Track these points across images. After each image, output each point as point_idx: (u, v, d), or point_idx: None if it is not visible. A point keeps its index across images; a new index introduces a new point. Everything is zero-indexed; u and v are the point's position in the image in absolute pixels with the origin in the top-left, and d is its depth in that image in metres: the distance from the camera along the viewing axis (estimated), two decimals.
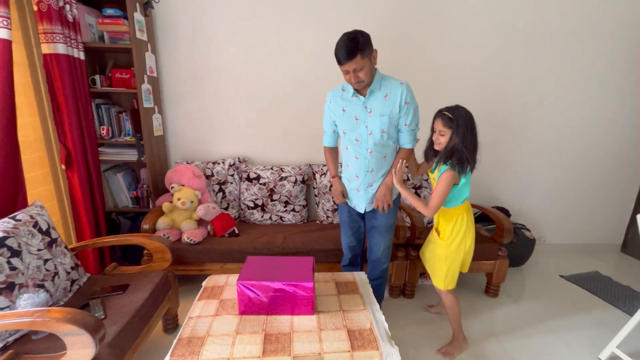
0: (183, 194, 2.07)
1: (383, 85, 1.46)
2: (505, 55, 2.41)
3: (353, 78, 1.37)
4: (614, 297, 2.19)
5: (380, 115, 1.46)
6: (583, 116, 2.58)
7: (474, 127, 1.40)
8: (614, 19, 2.38)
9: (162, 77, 2.35)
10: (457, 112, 1.39)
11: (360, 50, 1.30)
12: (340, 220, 1.80)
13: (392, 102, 1.44)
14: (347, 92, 1.51)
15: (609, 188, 2.77)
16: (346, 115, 1.51)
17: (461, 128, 1.37)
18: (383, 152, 1.55)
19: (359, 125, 1.50)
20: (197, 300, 1.43)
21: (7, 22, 1.51)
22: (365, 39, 1.34)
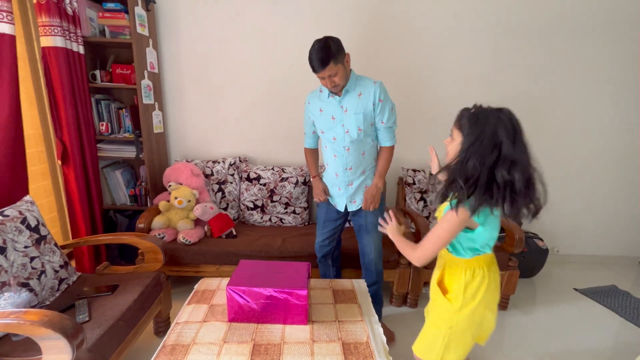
0: (180, 192, 2.02)
1: (357, 85, 1.50)
2: (517, 58, 2.30)
3: (329, 83, 1.42)
4: (633, 314, 2.05)
5: (355, 114, 1.49)
6: (602, 120, 2.44)
7: (503, 138, 0.86)
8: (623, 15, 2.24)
9: (164, 74, 2.31)
10: (482, 112, 0.91)
11: (333, 57, 1.36)
12: (317, 218, 1.80)
13: (366, 100, 1.48)
14: (323, 92, 1.56)
15: (628, 197, 2.61)
16: (323, 114, 1.56)
17: (475, 133, 0.88)
18: (361, 150, 1.57)
19: (336, 124, 1.53)
20: (186, 305, 1.37)
21: (10, 17, 1.49)
22: (337, 45, 1.39)
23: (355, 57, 1.78)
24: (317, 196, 1.70)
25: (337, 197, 1.68)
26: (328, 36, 1.40)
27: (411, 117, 2.38)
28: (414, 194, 2.34)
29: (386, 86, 1.52)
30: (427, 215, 2.31)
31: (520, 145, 0.88)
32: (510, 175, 0.86)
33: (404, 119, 2.41)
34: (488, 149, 0.86)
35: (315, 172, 1.75)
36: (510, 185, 0.87)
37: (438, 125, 2.39)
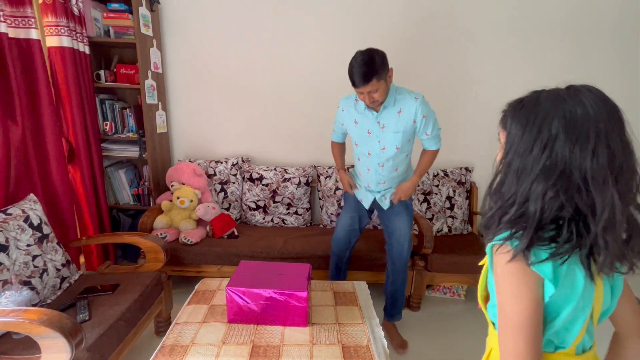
0: (182, 192, 2.02)
1: (397, 101, 1.42)
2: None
3: (367, 99, 1.35)
4: None
5: (395, 132, 1.44)
6: None
7: (560, 135, 0.52)
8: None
9: (167, 74, 2.32)
10: (536, 96, 0.57)
11: (376, 74, 1.28)
12: (345, 200, 1.76)
13: (407, 118, 1.42)
14: (359, 103, 1.48)
15: None
16: (358, 127, 1.50)
17: (519, 130, 0.56)
18: (395, 166, 1.55)
19: (372, 140, 1.49)
20: (186, 305, 1.36)
21: (34, 22, 1.54)
22: (381, 59, 1.31)
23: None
24: (345, 188, 1.69)
25: (363, 195, 1.66)
26: (373, 49, 1.32)
27: None
28: (417, 195, 2.32)
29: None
30: (431, 217, 2.28)
31: (605, 152, 0.50)
32: (575, 202, 0.52)
33: None
34: (536, 155, 0.53)
35: (341, 164, 1.73)
36: (580, 220, 0.53)
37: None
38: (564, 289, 0.54)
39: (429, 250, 1.91)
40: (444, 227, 2.29)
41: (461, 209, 2.32)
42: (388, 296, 1.75)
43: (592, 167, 0.50)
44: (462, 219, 2.32)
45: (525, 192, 0.54)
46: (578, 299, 0.54)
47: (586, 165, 0.51)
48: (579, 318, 0.56)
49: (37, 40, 1.56)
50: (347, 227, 1.70)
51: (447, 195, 2.31)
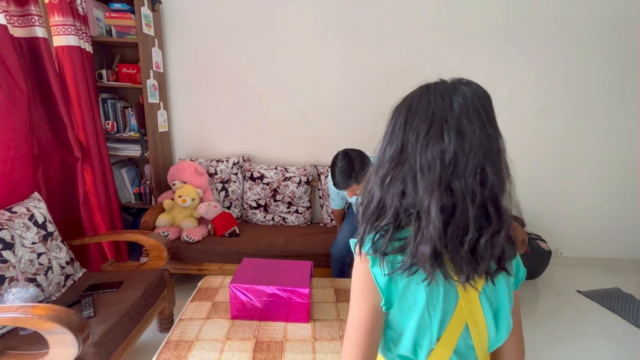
0: (184, 191, 2.04)
1: None
2: (521, 62, 2.30)
3: (350, 194, 1.45)
4: (636, 316, 2.03)
5: None
6: (607, 123, 2.43)
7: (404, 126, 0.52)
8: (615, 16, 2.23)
9: (169, 73, 2.34)
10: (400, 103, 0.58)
11: (356, 179, 1.34)
12: (347, 216, 1.90)
13: None
14: None
15: (632, 200, 2.59)
16: (352, 199, 1.64)
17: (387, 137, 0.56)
18: None
19: None
20: (189, 302, 1.38)
21: (42, 20, 1.55)
22: (360, 163, 1.33)
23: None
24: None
25: None
26: (350, 153, 1.35)
27: None
28: None
29: (376, 87, 1.50)
30: None
31: (435, 142, 0.48)
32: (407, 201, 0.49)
33: None
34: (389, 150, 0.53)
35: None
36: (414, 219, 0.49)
37: None
38: (405, 301, 0.52)
39: None
40: None
41: None
42: None
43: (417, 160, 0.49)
44: None
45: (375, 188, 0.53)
46: (421, 315, 0.51)
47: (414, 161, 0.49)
48: (425, 335, 0.52)
49: (44, 38, 1.57)
50: (347, 233, 1.78)
51: None
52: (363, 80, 2.35)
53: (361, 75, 2.34)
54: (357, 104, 2.39)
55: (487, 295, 0.54)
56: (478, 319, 0.54)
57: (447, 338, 0.53)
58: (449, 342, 0.53)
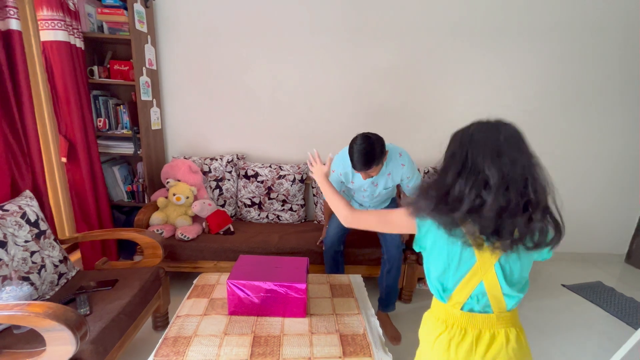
0: (179, 189, 2.03)
1: (387, 167, 1.61)
2: (517, 61, 2.36)
3: (365, 176, 1.50)
4: (618, 309, 2.13)
5: (385, 188, 1.70)
6: (589, 122, 2.52)
7: (472, 150, 0.76)
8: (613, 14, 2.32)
9: (162, 70, 2.32)
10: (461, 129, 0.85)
11: (375, 161, 1.41)
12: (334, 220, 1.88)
13: (395, 179, 1.67)
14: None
15: (614, 197, 2.70)
16: (355, 185, 1.71)
17: (449, 149, 0.83)
18: (384, 200, 1.84)
19: (367, 193, 1.74)
20: (186, 299, 1.39)
21: (15, 12, 1.50)
22: (380, 148, 1.42)
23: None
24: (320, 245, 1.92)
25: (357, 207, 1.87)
26: (372, 137, 1.41)
27: (403, 114, 2.44)
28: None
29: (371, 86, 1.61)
30: None
31: (501, 160, 0.72)
32: (474, 192, 0.71)
33: (398, 117, 2.46)
34: (457, 161, 0.76)
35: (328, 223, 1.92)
36: (477, 204, 0.71)
37: (427, 123, 2.45)
38: (437, 250, 0.80)
39: None
40: None
41: None
42: (383, 287, 1.82)
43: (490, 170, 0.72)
44: None
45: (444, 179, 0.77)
46: (445, 261, 0.79)
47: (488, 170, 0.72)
48: (450, 279, 0.80)
49: (18, 31, 1.50)
50: (336, 226, 1.81)
51: None
52: (357, 79, 2.37)
53: (356, 73, 2.36)
54: (352, 102, 2.42)
55: (504, 263, 0.77)
56: (491, 279, 0.78)
57: (461, 287, 0.79)
58: (463, 290, 0.79)
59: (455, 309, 0.81)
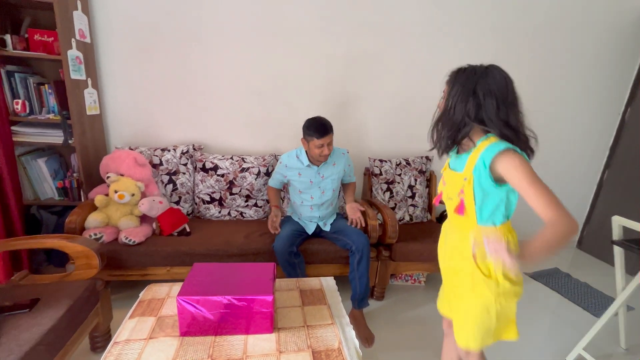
0: (122, 185, 1.75)
1: (332, 156, 1.81)
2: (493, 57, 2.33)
3: (326, 150, 1.68)
4: (575, 294, 2.23)
5: (332, 180, 1.85)
6: (553, 119, 2.59)
7: (489, 86, 0.88)
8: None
9: (98, 44, 1.97)
10: (468, 67, 0.95)
11: (332, 128, 1.70)
12: (286, 222, 1.91)
13: (340, 168, 1.87)
14: (300, 160, 1.81)
15: (567, 189, 2.84)
16: (302, 178, 1.82)
17: (459, 81, 0.92)
18: (331, 202, 1.93)
19: (314, 187, 1.83)
20: (128, 318, 1.16)
21: None
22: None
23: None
24: (271, 226, 1.82)
25: (307, 224, 1.91)
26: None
27: (375, 108, 2.32)
28: (380, 184, 2.30)
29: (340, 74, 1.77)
30: (393, 206, 2.28)
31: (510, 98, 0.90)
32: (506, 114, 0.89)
33: (366, 111, 2.34)
34: (470, 94, 0.90)
35: (276, 202, 1.95)
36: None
37: (400, 115, 2.36)
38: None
39: (393, 240, 1.90)
40: (406, 216, 2.31)
41: (422, 198, 2.35)
42: (356, 280, 1.74)
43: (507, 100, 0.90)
44: (422, 207, 2.36)
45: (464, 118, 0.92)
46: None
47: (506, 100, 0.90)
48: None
49: None
50: (289, 232, 1.77)
51: (409, 184, 2.32)
52: (327, 66, 2.20)
53: (325, 61, 2.19)
54: (321, 90, 2.25)
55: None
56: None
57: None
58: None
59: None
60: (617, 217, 1.41)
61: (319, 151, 1.68)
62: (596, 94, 2.59)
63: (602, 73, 2.54)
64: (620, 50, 2.49)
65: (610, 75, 2.55)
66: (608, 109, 2.65)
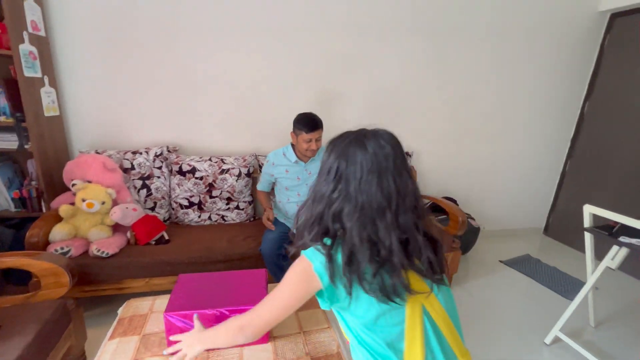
0: (90, 193, 1.60)
1: (319, 154, 1.76)
2: (446, 58, 2.39)
3: (314, 145, 1.66)
4: (546, 278, 2.38)
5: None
6: (519, 119, 2.73)
7: (343, 170, 0.65)
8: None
9: (55, 38, 1.78)
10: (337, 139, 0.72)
11: (321, 123, 1.68)
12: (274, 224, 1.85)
13: None
14: (287, 157, 1.78)
15: (534, 179, 3.01)
16: (289, 175, 1.79)
17: (326, 168, 0.70)
18: None
19: (301, 184, 1.81)
20: (107, 340, 1.07)
21: None
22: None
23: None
24: (267, 224, 1.79)
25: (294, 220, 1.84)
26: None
27: (354, 106, 2.31)
28: None
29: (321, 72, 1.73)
30: None
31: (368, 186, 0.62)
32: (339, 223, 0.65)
33: (345, 109, 2.33)
34: (328, 182, 0.67)
35: (269, 205, 1.90)
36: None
37: (379, 113, 2.38)
38: (359, 304, 0.65)
39: None
40: None
41: None
42: None
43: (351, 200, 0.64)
44: None
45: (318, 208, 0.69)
46: (375, 318, 0.64)
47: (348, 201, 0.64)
48: (396, 344, 0.64)
49: None
50: (276, 234, 1.74)
51: None
52: (307, 64, 2.15)
53: (305, 58, 2.14)
54: (301, 88, 2.20)
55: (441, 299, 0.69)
56: (438, 321, 0.67)
57: (410, 339, 0.63)
58: (414, 342, 0.63)
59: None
60: (588, 206, 1.51)
61: (307, 145, 1.66)
62: (558, 91, 2.75)
63: (563, 71, 2.70)
64: (580, 49, 2.66)
65: (570, 73, 2.72)
66: (569, 104, 2.83)
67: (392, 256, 0.60)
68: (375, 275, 0.60)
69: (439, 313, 0.66)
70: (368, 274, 0.61)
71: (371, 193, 0.61)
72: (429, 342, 0.63)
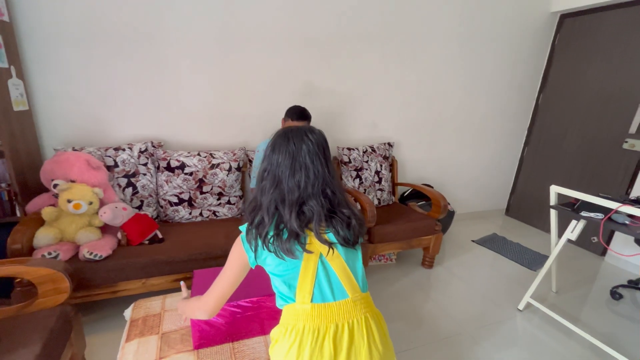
0: (76, 193, 1.50)
1: None
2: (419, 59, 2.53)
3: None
4: (512, 253, 2.66)
5: None
6: (483, 111, 2.97)
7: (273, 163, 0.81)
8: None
9: (19, 23, 1.61)
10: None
11: (310, 118, 1.80)
12: None
13: None
14: None
15: (496, 165, 3.31)
16: None
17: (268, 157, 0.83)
18: None
19: None
20: (125, 342, 1.04)
21: None
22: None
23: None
24: None
25: None
26: None
27: (337, 99, 2.37)
28: (350, 171, 2.38)
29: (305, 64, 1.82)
30: (363, 192, 2.40)
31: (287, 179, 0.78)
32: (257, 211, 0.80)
33: (329, 102, 2.39)
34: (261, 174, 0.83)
35: None
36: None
37: (361, 108, 2.46)
38: (268, 259, 0.80)
39: (372, 224, 2.01)
40: (375, 200, 2.45)
41: (387, 182, 2.51)
42: None
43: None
44: (388, 190, 2.52)
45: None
46: (277, 265, 0.79)
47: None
48: (292, 282, 0.79)
49: None
50: None
51: (375, 170, 2.45)
52: (290, 59, 2.16)
53: (289, 53, 2.14)
54: (286, 82, 2.20)
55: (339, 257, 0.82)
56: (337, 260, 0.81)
57: (301, 286, 0.78)
58: (304, 287, 0.78)
59: (305, 304, 0.77)
60: (555, 187, 1.72)
61: None
62: (516, 85, 3.04)
63: (520, 67, 2.97)
64: (535, 47, 2.94)
65: (526, 69, 3.01)
66: (525, 97, 3.14)
67: (288, 225, 0.76)
68: (275, 237, 0.76)
69: (336, 262, 0.80)
70: (269, 236, 0.76)
71: (285, 175, 0.77)
72: (318, 278, 0.78)
